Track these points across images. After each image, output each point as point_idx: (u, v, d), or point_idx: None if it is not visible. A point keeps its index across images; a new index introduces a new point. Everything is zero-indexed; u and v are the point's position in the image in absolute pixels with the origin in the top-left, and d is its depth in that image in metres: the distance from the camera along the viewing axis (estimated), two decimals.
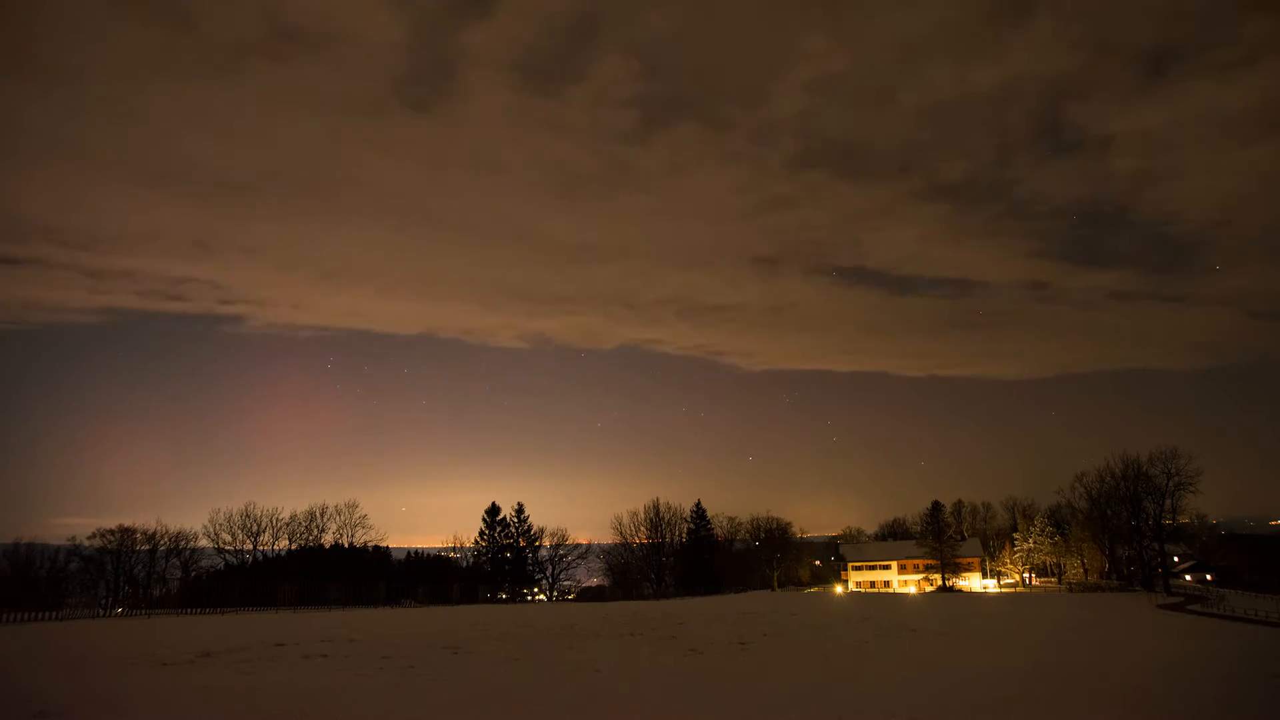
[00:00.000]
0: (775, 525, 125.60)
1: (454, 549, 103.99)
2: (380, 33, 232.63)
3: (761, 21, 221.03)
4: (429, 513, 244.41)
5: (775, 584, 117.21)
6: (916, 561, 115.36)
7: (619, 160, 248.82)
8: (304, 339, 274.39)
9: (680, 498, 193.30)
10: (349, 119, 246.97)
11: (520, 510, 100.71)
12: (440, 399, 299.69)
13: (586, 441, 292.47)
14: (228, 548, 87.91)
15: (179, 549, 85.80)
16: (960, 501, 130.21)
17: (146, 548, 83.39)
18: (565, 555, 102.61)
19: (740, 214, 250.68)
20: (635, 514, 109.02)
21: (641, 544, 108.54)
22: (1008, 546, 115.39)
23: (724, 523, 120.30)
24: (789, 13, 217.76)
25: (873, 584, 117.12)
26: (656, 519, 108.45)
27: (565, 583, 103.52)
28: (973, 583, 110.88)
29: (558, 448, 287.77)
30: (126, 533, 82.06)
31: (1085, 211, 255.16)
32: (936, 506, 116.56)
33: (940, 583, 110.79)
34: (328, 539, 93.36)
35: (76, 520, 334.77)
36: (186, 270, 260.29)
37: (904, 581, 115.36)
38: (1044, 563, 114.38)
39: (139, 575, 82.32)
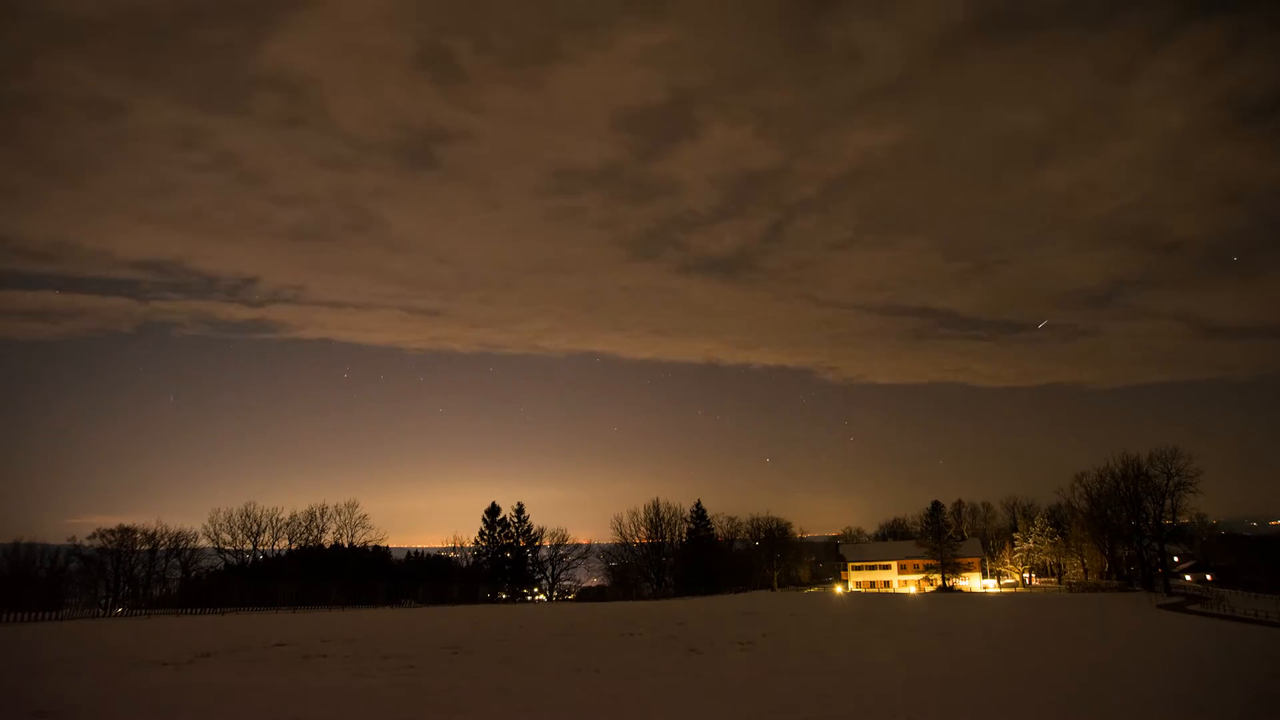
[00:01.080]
0: (775, 525, 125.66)
1: (454, 549, 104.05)
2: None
3: (943, 181, 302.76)
4: (429, 513, 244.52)
5: (775, 584, 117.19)
6: (916, 561, 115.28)
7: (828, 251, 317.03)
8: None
9: (680, 497, 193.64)
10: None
11: (520, 510, 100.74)
12: (462, 406, 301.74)
13: (593, 445, 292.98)
14: (228, 548, 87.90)
15: (179, 549, 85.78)
16: (960, 501, 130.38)
17: (146, 548, 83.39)
18: (565, 555, 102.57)
19: (891, 283, 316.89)
20: (635, 514, 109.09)
21: (641, 544, 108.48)
22: (1008, 546, 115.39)
23: (724, 523, 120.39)
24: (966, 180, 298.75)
25: (873, 584, 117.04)
26: (656, 519, 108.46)
27: (565, 583, 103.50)
28: (973, 583, 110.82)
29: (560, 450, 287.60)
30: (126, 533, 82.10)
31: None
32: (936, 506, 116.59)
33: (940, 583, 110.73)
34: (328, 539, 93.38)
35: (77, 520, 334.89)
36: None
37: (904, 581, 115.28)
38: (1044, 563, 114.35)
39: (139, 575, 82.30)
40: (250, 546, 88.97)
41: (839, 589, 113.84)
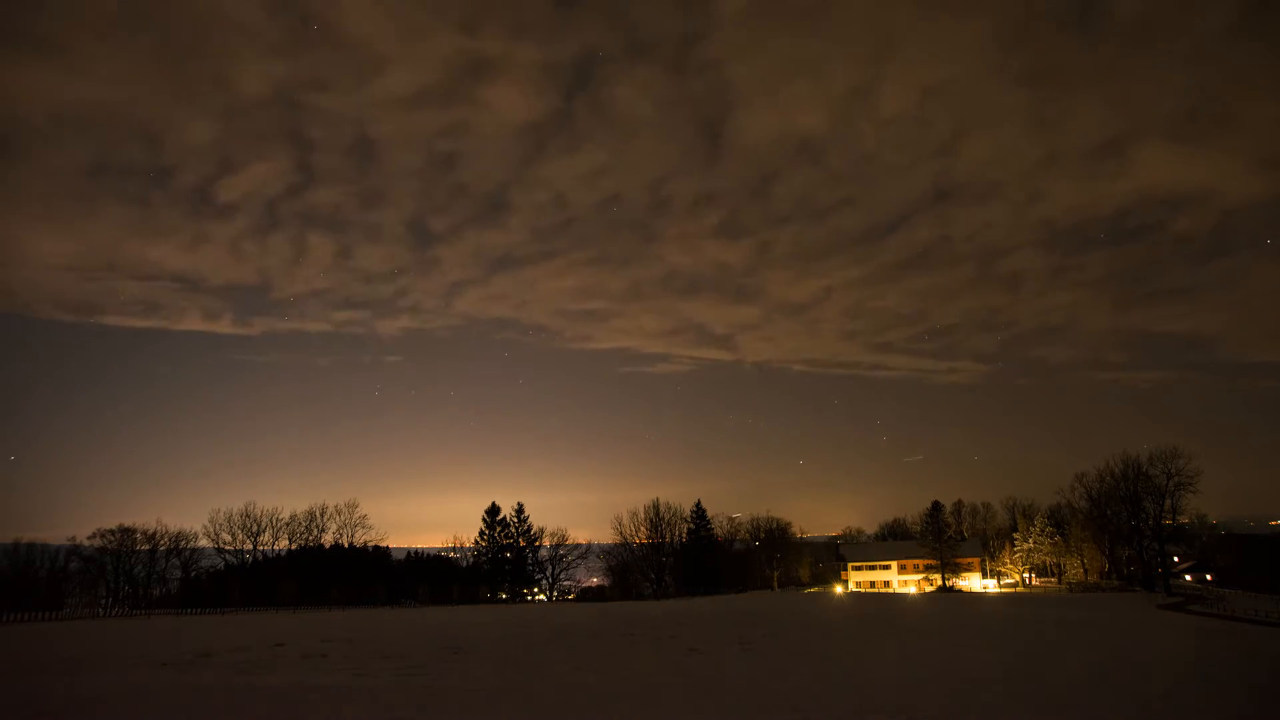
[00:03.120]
0: (775, 525, 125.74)
1: (454, 549, 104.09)
2: None
3: None
4: (430, 514, 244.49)
5: (775, 584, 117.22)
6: (916, 561, 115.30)
7: None
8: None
9: (680, 497, 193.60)
10: None
11: (520, 510, 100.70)
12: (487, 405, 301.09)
13: (588, 443, 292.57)
14: (228, 548, 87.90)
15: (179, 549, 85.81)
16: (960, 501, 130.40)
17: (146, 548, 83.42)
18: (565, 555, 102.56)
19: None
20: (635, 514, 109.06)
21: (641, 544, 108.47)
22: (1008, 546, 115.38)
23: (724, 523, 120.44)
24: None
25: (873, 584, 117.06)
26: (656, 519, 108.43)
27: (565, 583, 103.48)
28: (973, 583, 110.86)
29: (558, 448, 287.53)
30: (126, 533, 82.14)
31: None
32: (936, 506, 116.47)
33: (940, 583, 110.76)
34: (328, 539, 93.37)
35: (77, 520, 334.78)
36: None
37: (904, 581, 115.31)
38: (1044, 563, 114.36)
39: (139, 575, 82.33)
40: (250, 546, 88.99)
41: (839, 589, 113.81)
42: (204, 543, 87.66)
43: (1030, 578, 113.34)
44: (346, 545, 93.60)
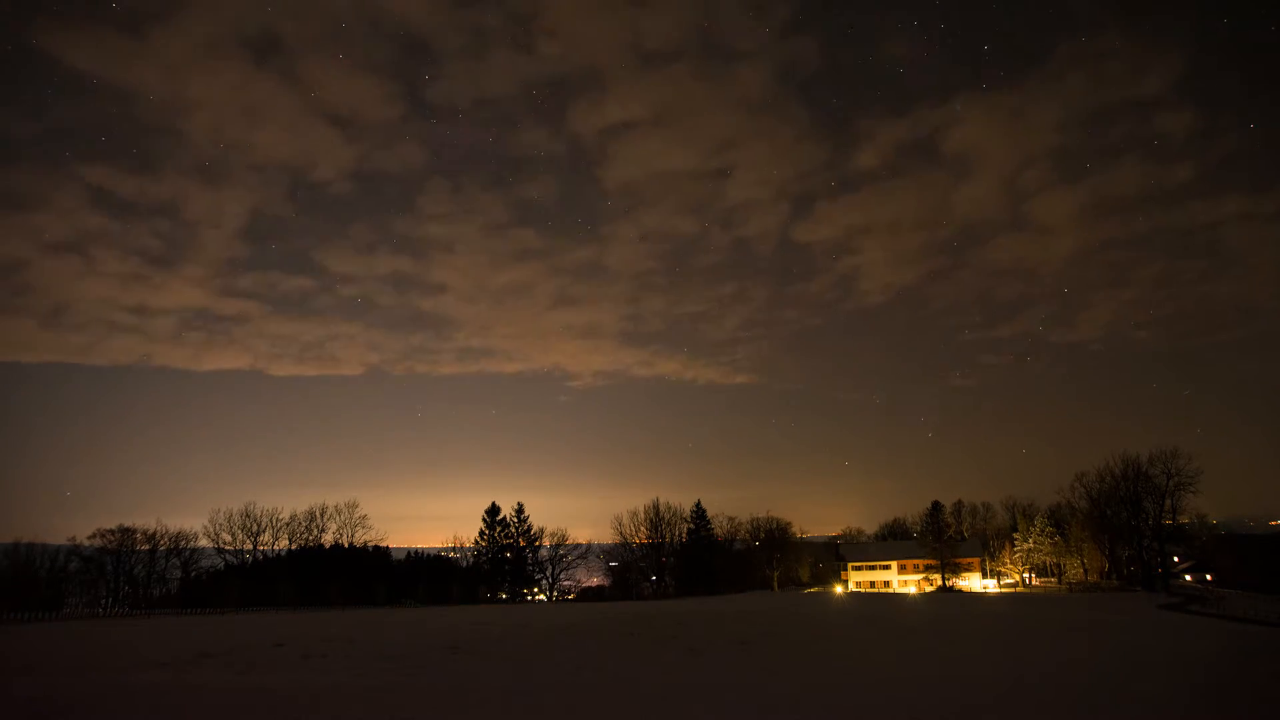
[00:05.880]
0: (775, 525, 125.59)
1: (454, 549, 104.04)
2: None
3: None
4: (430, 514, 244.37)
5: (775, 584, 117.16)
6: (916, 561, 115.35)
7: None
8: None
9: (680, 498, 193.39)
10: None
11: (520, 510, 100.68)
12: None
13: (587, 443, 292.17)
14: (228, 548, 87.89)
15: (179, 549, 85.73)
16: (960, 501, 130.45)
17: (146, 548, 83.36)
18: (565, 555, 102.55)
19: None
20: (635, 514, 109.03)
21: (641, 544, 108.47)
22: (1008, 546, 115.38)
23: (724, 523, 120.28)
24: None
25: (873, 584, 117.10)
26: (656, 519, 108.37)
27: (565, 583, 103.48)
28: (973, 583, 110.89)
29: (558, 448, 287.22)
30: (126, 533, 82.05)
31: None
32: (936, 506, 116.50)
33: (940, 583, 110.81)
34: (328, 539, 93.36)
35: (77, 520, 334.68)
36: None
37: (904, 581, 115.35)
38: (1044, 563, 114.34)
39: (139, 575, 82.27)
40: (250, 546, 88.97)
41: (839, 589, 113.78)
42: (204, 543, 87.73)
43: (1030, 578, 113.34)
44: (346, 545, 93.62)
